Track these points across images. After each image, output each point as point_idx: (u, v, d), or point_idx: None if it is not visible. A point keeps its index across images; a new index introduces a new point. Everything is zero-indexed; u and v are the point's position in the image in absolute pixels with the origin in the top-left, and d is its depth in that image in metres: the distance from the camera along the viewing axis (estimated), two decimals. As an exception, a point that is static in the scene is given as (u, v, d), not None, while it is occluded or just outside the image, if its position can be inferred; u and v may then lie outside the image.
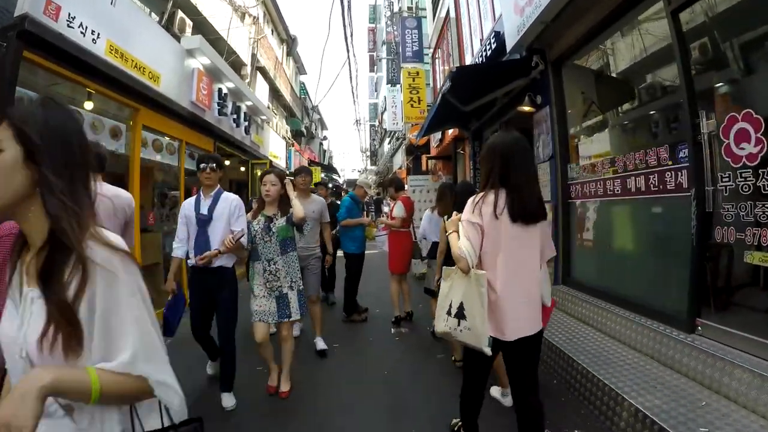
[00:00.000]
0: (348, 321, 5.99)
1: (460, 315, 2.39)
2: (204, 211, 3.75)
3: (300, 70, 26.59)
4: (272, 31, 19.30)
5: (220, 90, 8.63)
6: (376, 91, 39.75)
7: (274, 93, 18.81)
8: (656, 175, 3.88)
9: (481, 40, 7.87)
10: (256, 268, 3.94)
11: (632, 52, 4.54)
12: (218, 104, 8.54)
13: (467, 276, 2.35)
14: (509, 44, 5.74)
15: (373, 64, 38.48)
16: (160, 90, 6.64)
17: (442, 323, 2.48)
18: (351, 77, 22.29)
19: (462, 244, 2.35)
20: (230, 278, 3.86)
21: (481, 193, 2.42)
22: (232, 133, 9.48)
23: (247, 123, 10.29)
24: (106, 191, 3.01)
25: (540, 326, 2.43)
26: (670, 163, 3.73)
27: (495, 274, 2.34)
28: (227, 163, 11.64)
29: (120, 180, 6.19)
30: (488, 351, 2.29)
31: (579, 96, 5.59)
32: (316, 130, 33.94)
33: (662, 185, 3.82)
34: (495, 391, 3.72)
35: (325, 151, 41.90)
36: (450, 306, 2.45)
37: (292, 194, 3.99)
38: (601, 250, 5.02)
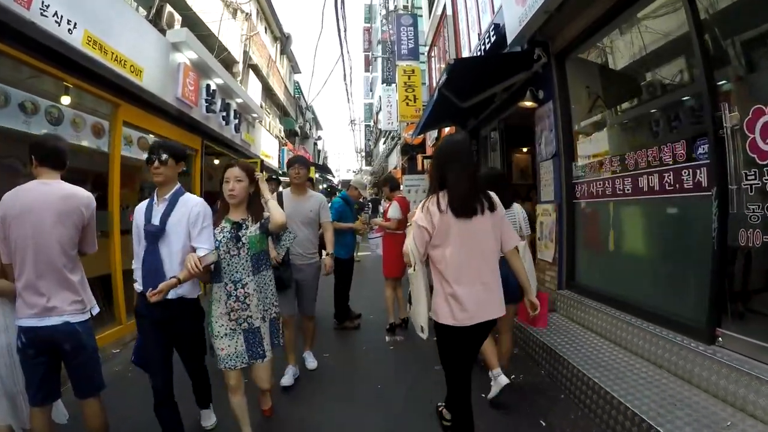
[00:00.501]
0: (340, 328, 5.67)
1: (410, 300, 2.88)
2: (155, 220, 2.75)
3: (294, 69, 26.29)
4: (266, 28, 19.01)
5: (208, 86, 8.30)
6: (371, 91, 39.58)
7: (267, 92, 18.50)
8: (672, 173, 3.59)
9: (479, 35, 7.58)
10: (216, 293, 2.90)
11: (643, 42, 4.25)
12: (206, 101, 8.21)
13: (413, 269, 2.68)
14: (510, 36, 5.45)
15: (368, 64, 38.34)
16: (143, 85, 6.32)
17: (408, 306, 2.93)
18: (345, 75, 21.95)
19: (407, 243, 2.69)
20: (193, 312, 2.97)
21: (430, 196, 2.64)
22: (221, 132, 9.14)
23: (237, 121, 9.95)
24: (56, 190, 2.56)
25: (500, 313, 2.63)
26: (688, 160, 3.44)
27: (446, 266, 2.56)
28: (216, 162, 11.33)
29: (100, 179, 5.91)
30: (422, 335, 2.75)
31: (584, 90, 5.30)
32: (310, 129, 33.61)
33: (679, 184, 3.53)
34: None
35: (319, 151, 41.53)
36: (410, 292, 2.86)
37: (267, 194, 3.09)
38: (610, 253, 4.73)
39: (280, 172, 16.39)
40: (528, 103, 5.58)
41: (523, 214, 3.87)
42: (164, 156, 2.77)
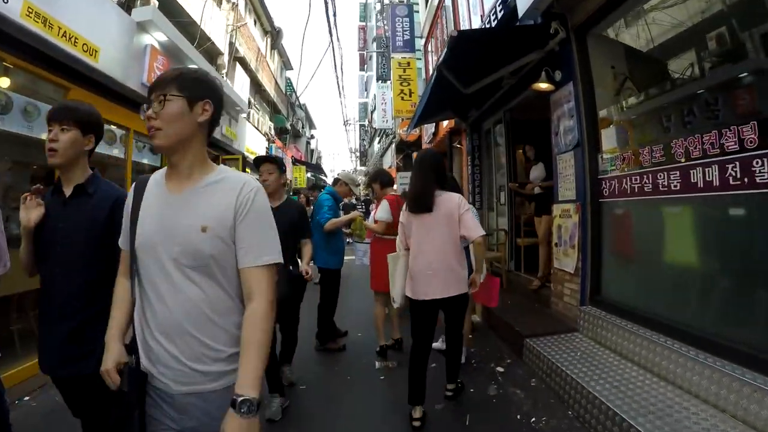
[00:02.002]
0: (322, 349, 4.79)
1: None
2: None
3: (286, 65, 25.40)
4: (255, 21, 18.17)
5: (181, 73, 7.46)
6: (366, 90, 38.94)
7: (256, 87, 17.65)
8: (738, 164, 2.80)
9: (481, 17, 6.78)
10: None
11: (688, 9, 3.47)
12: (178, 89, 7.36)
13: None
14: (521, 9, 4.63)
15: (363, 62, 37.84)
16: (99, 67, 5.49)
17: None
18: (336, 66, 20.96)
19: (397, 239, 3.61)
20: None
21: None
22: (197, 124, 8.29)
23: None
24: None
25: (450, 293, 3.21)
26: (760, 146, 2.64)
27: (412, 253, 3.35)
28: None
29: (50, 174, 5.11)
30: (394, 303, 3.67)
31: (608, 71, 4.51)
32: (303, 128, 32.74)
33: (747, 177, 2.74)
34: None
35: (312, 150, 40.65)
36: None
37: None
38: (647, 263, 3.93)
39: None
40: (543, 86, 4.77)
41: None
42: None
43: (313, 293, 4.48)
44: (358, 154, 45.86)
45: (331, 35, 11.64)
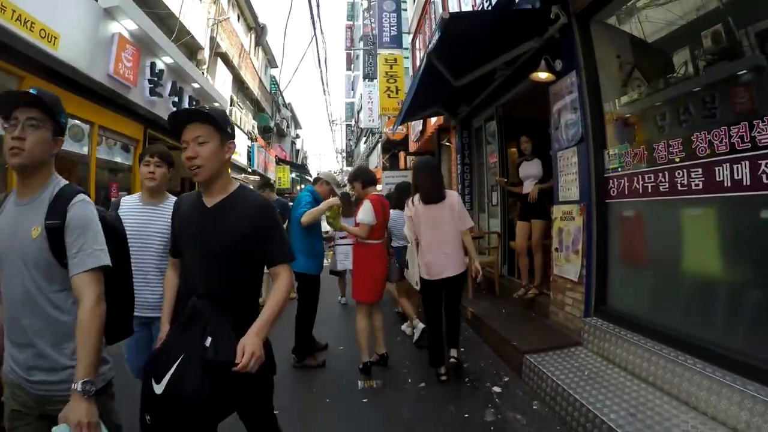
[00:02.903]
0: (299, 367, 4.32)
1: (407, 266, 4.28)
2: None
3: (271, 63, 24.85)
4: (238, 16, 17.66)
5: (153, 65, 6.95)
6: (352, 90, 38.56)
7: (239, 84, 17.13)
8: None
9: (473, 6, 6.37)
10: None
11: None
12: (150, 82, 6.85)
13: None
14: (518, -8, 4.23)
15: (350, 62, 37.50)
16: (58, 55, 5.00)
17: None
18: (319, 60, 20.13)
19: (405, 230, 4.32)
20: None
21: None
22: (171, 119, 7.77)
23: (192, 109, 8.58)
24: None
25: (459, 270, 3.93)
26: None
27: (423, 240, 4.00)
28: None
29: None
30: (416, 287, 4.16)
31: (614, 60, 4.12)
32: (288, 128, 32.15)
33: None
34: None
35: (298, 150, 40.03)
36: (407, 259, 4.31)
37: None
38: (662, 271, 3.54)
39: (249, 170, 15.04)
40: (542, 75, 4.36)
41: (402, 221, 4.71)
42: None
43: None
44: (344, 154, 45.37)
45: (314, 27, 11.15)
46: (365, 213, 4.00)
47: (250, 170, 15.06)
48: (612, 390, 3.14)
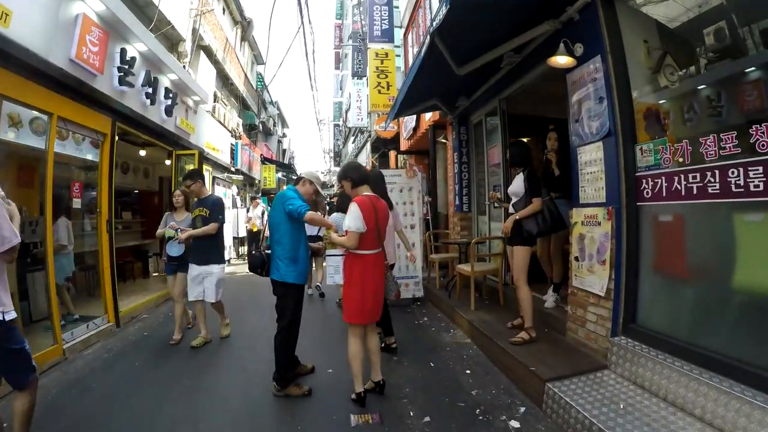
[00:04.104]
0: (282, 396, 3.68)
1: None
2: None
3: (257, 59, 24.10)
4: (224, 9, 16.95)
5: (123, 51, 6.29)
6: (341, 89, 38.05)
7: (224, 80, 16.43)
8: None
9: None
10: None
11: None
12: (120, 70, 6.20)
13: None
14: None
15: (338, 61, 37.07)
16: (9, 34, 4.35)
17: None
18: (306, 52, 19.32)
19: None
20: None
21: None
22: (144, 113, 7.05)
23: (169, 102, 7.89)
24: None
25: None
26: None
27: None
28: (142, 153, 9.46)
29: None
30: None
31: (640, 45, 3.60)
32: (274, 126, 31.40)
33: None
34: None
35: (285, 150, 39.24)
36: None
37: None
38: (707, 285, 3.03)
39: (233, 169, 14.36)
40: (562, 60, 3.81)
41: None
42: None
43: (263, 317, 3.42)
44: (332, 154, 44.71)
45: (301, 15, 10.54)
46: (352, 218, 3.39)
47: (233, 169, 14.37)
48: (656, 428, 2.63)
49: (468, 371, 4.06)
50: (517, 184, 4.36)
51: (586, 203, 3.84)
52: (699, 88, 3.12)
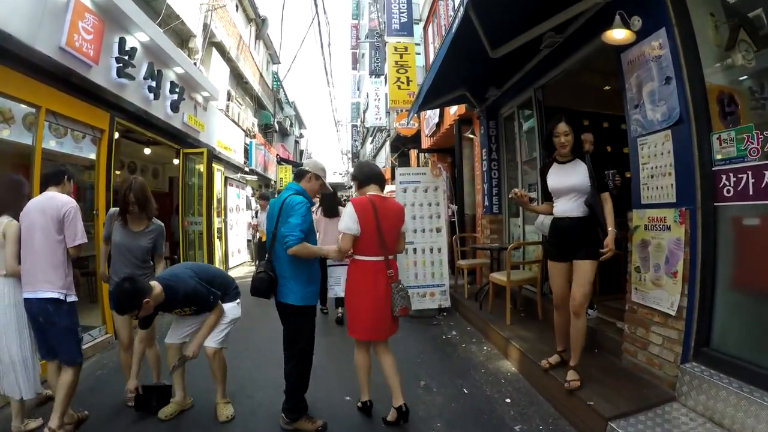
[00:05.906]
0: (291, 430, 3.14)
1: None
2: None
3: (273, 58, 23.80)
4: (237, 6, 16.63)
5: (122, 41, 5.87)
6: (358, 89, 37.85)
7: (238, 78, 16.09)
8: None
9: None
10: None
11: None
12: (118, 60, 5.78)
13: None
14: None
15: (355, 61, 36.95)
16: (-11, 20, 3.96)
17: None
18: (322, 45, 18.52)
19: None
20: None
21: None
22: (147, 108, 6.60)
23: (175, 97, 7.46)
24: (44, 197, 3.27)
25: None
26: None
27: None
28: (147, 152, 9.21)
29: None
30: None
31: (707, 20, 3.02)
32: (291, 126, 31.09)
33: None
34: None
35: (302, 150, 38.96)
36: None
37: None
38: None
39: (247, 169, 13.95)
40: (620, 34, 3.22)
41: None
42: None
43: (271, 342, 2.94)
44: (350, 155, 44.40)
45: (315, 4, 10.09)
46: (344, 219, 3.05)
47: (247, 169, 13.96)
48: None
49: (508, 400, 3.49)
50: (578, 177, 3.27)
51: (649, 204, 3.25)
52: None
